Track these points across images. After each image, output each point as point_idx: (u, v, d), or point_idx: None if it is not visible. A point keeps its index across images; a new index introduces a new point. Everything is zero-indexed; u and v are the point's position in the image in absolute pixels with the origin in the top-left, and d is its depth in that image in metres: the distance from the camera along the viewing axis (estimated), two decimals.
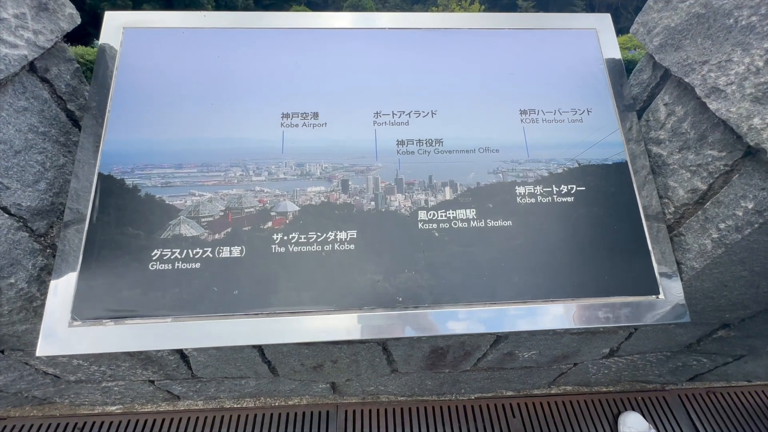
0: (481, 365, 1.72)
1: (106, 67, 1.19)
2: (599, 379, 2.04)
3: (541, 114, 1.21)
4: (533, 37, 1.30)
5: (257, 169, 1.11)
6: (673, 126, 1.13)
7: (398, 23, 1.29)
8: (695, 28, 1.01)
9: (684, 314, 1.06)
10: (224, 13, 1.26)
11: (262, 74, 1.20)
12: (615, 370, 1.93)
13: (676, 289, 1.08)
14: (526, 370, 1.82)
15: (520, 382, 1.96)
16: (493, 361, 1.68)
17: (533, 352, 1.60)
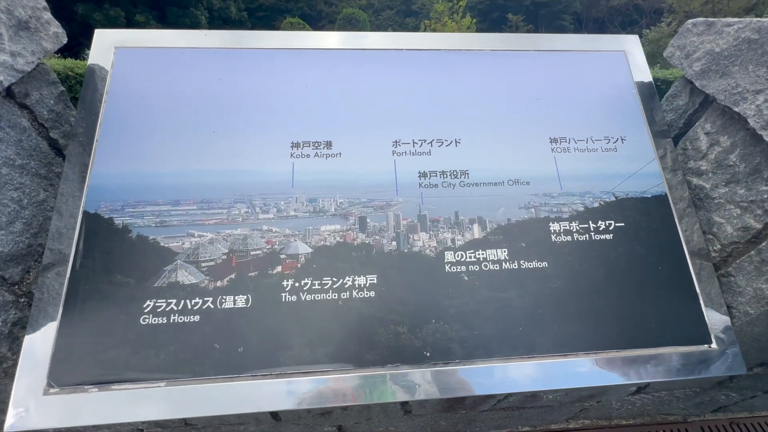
0: (500, 406, 1.60)
1: (95, 90, 1.07)
2: (621, 413, 1.93)
3: (572, 143, 1.12)
4: (559, 60, 1.21)
5: (264, 206, 0.99)
6: (718, 157, 1.04)
7: (416, 44, 1.19)
8: (745, 54, 0.93)
9: (740, 366, 0.96)
10: (226, 33, 1.15)
11: (269, 98, 1.09)
12: (639, 405, 1.82)
13: (729, 338, 0.98)
14: (548, 408, 1.70)
15: (539, 419, 1.84)
16: (515, 402, 1.57)
17: (559, 393, 1.49)
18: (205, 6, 18.86)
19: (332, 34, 1.18)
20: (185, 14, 18.16)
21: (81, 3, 17.06)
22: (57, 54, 5.66)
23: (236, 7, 20.11)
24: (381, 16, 20.31)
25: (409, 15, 20.28)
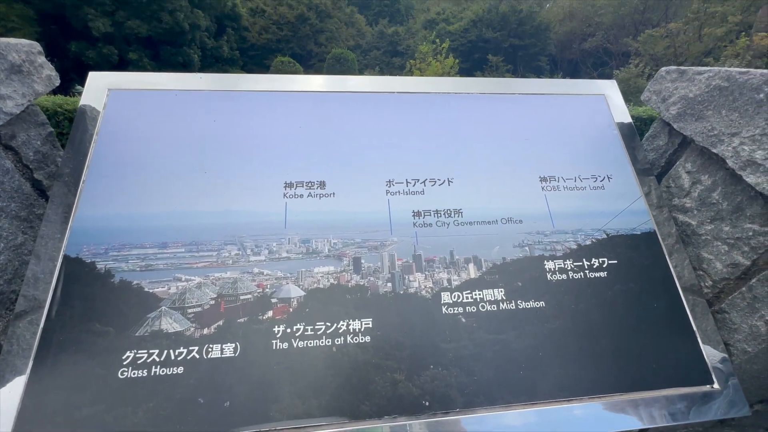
0: None
1: (86, 131, 1.06)
2: None
3: (561, 181, 1.14)
4: (545, 102, 1.27)
5: (256, 248, 0.97)
6: (701, 195, 1.08)
7: (407, 87, 1.24)
8: (718, 99, 0.99)
9: (743, 406, 0.94)
10: (221, 76, 1.17)
11: (263, 139, 1.09)
12: None
13: (730, 377, 0.97)
14: None
15: None
16: None
17: None
18: (198, 45, 19.46)
19: (325, 78, 1.22)
20: (178, 53, 18.67)
21: (74, 41, 17.41)
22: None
23: (228, 47, 20.82)
24: (368, 56, 21.29)
25: (395, 55, 21.33)
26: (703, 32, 18.78)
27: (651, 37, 19.00)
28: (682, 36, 18.89)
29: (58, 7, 16.60)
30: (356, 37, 22.33)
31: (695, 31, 18.96)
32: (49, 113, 3.63)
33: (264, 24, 20.94)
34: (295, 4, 20.73)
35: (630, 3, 22.00)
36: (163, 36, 17.89)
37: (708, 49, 18.56)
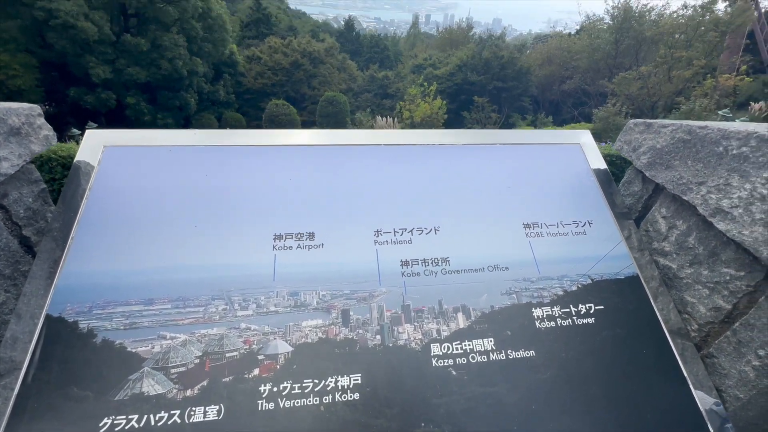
0: None
1: (78, 186, 1.08)
2: None
3: (544, 227, 1.18)
4: (524, 152, 1.34)
5: (244, 302, 0.96)
6: (678, 239, 1.12)
7: (394, 140, 1.30)
8: (683, 151, 1.06)
9: None
10: (215, 132, 1.23)
11: (254, 192, 1.12)
12: None
13: (725, 423, 0.95)
14: None
15: None
16: None
17: None
18: (195, 89, 20.16)
19: (314, 132, 1.28)
20: (175, 97, 19.26)
21: (74, 87, 17.91)
22: None
23: (225, 91, 21.60)
24: (360, 99, 22.22)
25: (386, 97, 22.31)
26: (672, 74, 20.13)
27: (625, 79, 20.27)
28: (653, 78, 20.21)
29: (60, 56, 17.25)
30: (348, 81, 23.42)
31: (665, 74, 20.33)
32: (43, 159, 3.67)
33: (260, 70, 21.93)
34: (290, 52, 21.88)
35: (603, 49, 23.66)
36: (161, 81, 18.54)
37: (678, 89, 19.82)
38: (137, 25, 18.13)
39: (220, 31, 19.94)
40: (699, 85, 19.27)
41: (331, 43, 24.65)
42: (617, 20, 23.13)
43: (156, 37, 17.68)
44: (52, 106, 20.81)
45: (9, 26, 15.94)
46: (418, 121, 17.77)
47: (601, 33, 24.00)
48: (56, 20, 15.28)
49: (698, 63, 19.99)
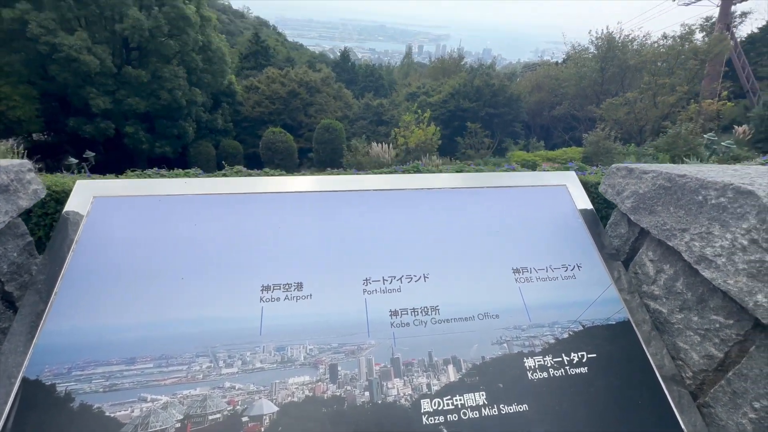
0: None
1: (65, 238, 1.08)
2: None
3: (533, 272, 1.18)
4: (511, 195, 1.36)
5: (229, 359, 0.94)
6: (666, 284, 1.12)
7: (380, 185, 1.32)
8: (664, 197, 1.08)
9: None
10: (206, 180, 1.24)
11: (242, 242, 1.12)
12: None
13: None
14: None
15: None
16: None
17: None
18: (193, 118, 20.51)
19: (304, 179, 1.30)
20: (174, 126, 19.56)
21: (73, 117, 18.16)
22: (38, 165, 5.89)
23: (223, 119, 22.00)
24: (355, 125, 22.69)
25: (381, 124, 22.79)
26: (657, 100, 20.84)
27: (612, 105, 20.94)
28: (639, 103, 20.89)
29: (61, 88, 17.58)
30: (344, 109, 23.98)
31: (650, 99, 21.04)
32: None
33: (257, 99, 22.45)
34: (287, 82, 22.50)
35: (589, 77, 24.57)
36: (160, 111, 18.87)
37: (664, 114, 20.48)
38: (138, 57, 18.64)
39: (220, 63, 20.54)
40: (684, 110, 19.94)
41: (327, 72, 25.42)
42: (601, 50, 24.16)
43: (156, 68, 18.14)
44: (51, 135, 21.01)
45: (13, 60, 16.32)
46: (413, 147, 18.10)
47: (587, 62, 25.00)
48: (59, 54, 15.67)
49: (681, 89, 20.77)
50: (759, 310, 0.83)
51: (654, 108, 20.75)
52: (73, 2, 15.82)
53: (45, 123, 18.78)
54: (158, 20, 17.21)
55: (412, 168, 11.67)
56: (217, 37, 20.67)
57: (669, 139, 16.15)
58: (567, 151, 17.31)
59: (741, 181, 0.90)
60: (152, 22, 17.10)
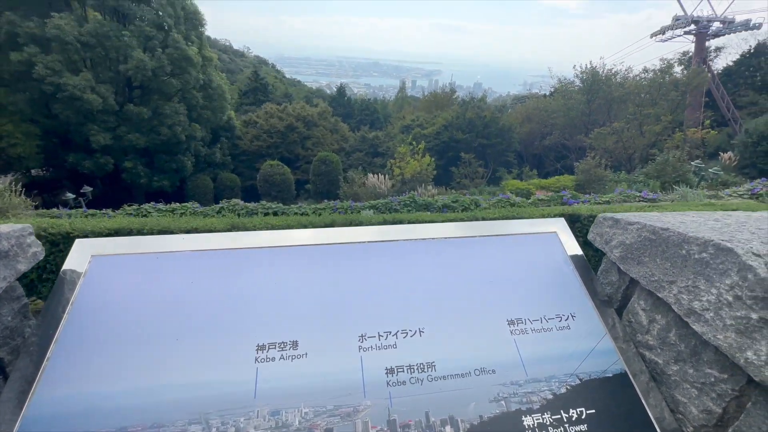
0: None
1: (60, 301, 1.08)
2: None
3: (528, 323, 1.19)
4: (503, 243, 1.39)
5: (222, 425, 0.92)
6: (660, 334, 1.13)
7: (373, 236, 1.35)
8: (650, 249, 1.12)
9: None
10: (202, 236, 1.26)
11: (238, 299, 1.13)
12: None
13: None
14: None
15: None
16: None
17: None
18: (192, 153, 20.85)
19: (298, 232, 1.32)
20: (173, 160, 19.84)
21: (73, 153, 18.40)
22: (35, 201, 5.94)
23: (221, 153, 22.39)
24: (352, 157, 23.13)
25: (376, 156, 23.27)
26: (644, 129, 21.56)
27: (600, 134, 21.60)
28: (626, 132, 21.57)
29: (63, 125, 17.94)
30: (340, 142, 24.54)
31: (636, 129, 21.76)
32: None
33: (256, 133, 22.97)
34: (285, 117, 23.14)
35: (577, 108, 25.50)
36: (159, 146, 19.21)
37: (651, 142, 21.11)
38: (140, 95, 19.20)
39: (220, 100, 21.18)
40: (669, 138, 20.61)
41: (324, 107, 26.23)
42: (587, 83, 25.25)
43: (158, 105, 18.65)
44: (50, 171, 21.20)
45: (17, 99, 16.75)
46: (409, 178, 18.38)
47: (574, 94, 26.06)
48: (64, 93, 16.11)
49: (666, 118, 21.56)
50: (750, 367, 0.84)
51: (641, 137, 21.42)
52: (80, 45, 16.46)
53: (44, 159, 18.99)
54: (161, 61, 17.88)
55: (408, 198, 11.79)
56: (217, 76, 21.44)
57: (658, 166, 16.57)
58: (560, 179, 17.62)
59: (721, 237, 0.94)
60: (156, 63, 17.75)
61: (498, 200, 13.34)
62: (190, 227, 3.62)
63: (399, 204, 13.13)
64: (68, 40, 15.86)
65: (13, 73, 16.12)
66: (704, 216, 1.22)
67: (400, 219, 4.08)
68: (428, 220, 4.09)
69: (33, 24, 15.57)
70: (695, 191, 12.01)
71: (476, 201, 13.02)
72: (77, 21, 16.50)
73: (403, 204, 13.18)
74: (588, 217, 4.28)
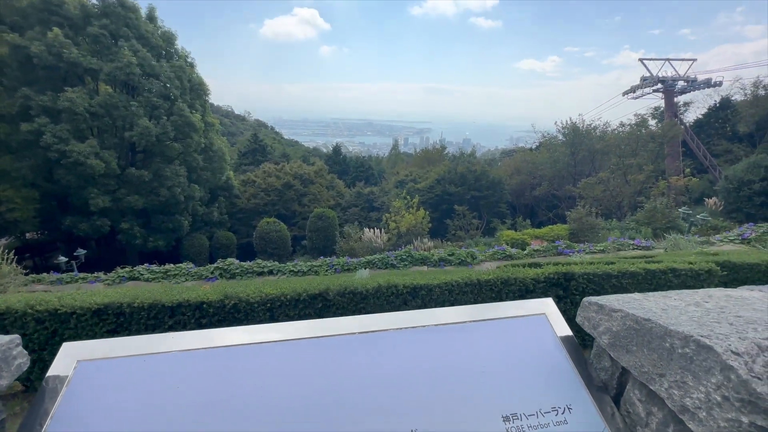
0: None
1: (39, 411, 1.04)
2: None
3: (524, 419, 1.15)
4: (493, 328, 1.39)
5: None
6: (659, 428, 1.09)
7: (366, 326, 1.35)
8: (636, 338, 1.13)
9: None
10: (192, 333, 1.26)
11: (227, 405, 1.10)
12: None
13: None
14: None
15: None
16: None
17: None
18: (189, 212, 21.10)
19: (285, 326, 1.32)
20: (169, 220, 19.98)
21: (70, 215, 18.49)
22: (26, 267, 5.95)
23: (218, 212, 22.68)
24: (348, 213, 23.49)
25: (372, 210, 23.67)
26: (629, 178, 22.40)
27: (587, 184, 22.37)
28: (612, 182, 22.38)
29: (63, 189, 18.26)
30: (336, 198, 25.08)
31: (621, 178, 22.60)
32: (17, 314, 3.56)
33: (253, 191, 23.50)
34: (283, 175, 23.86)
35: (563, 160, 26.68)
36: (157, 207, 19.46)
37: (637, 190, 21.82)
38: (143, 159, 19.86)
39: (220, 162, 21.93)
40: (654, 186, 21.37)
41: (320, 165, 27.20)
42: (569, 137, 26.72)
43: (159, 168, 19.19)
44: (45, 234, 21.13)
45: (21, 166, 17.21)
46: (404, 231, 18.54)
47: (558, 147, 27.44)
48: (68, 159, 16.60)
49: (648, 168, 22.53)
50: None
51: (627, 185, 22.18)
52: (89, 115, 17.32)
53: (41, 222, 19.02)
54: (165, 127, 18.76)
55: (405, 253, 11.76)
56: (218, 139, 22.45)
57: (647, 213, 16.96)
58: (553, 229, 17.83)
59: (700, 332, 0.96)
60: (160, 129, 18.60)
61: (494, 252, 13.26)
62: (181, 299, 3.58)
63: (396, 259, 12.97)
64: (78, 111, 16.73)
65: (21, 141, 16.75)
66: (685, 299, 1.25)
67: (395, 284, 4.07)
68: (423, 283, 4.08)
69: (46, 97, 16.51)
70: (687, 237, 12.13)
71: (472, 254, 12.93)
72: (89, 94, 17.54)
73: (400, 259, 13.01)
74: (582, 275, 4.30)
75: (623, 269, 4.31)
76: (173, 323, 3.53)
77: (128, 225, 18.80)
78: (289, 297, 3.72)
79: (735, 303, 1.18)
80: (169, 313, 3.52)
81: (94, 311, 3.45)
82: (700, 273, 4.46)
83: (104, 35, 17.88)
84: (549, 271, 4.30)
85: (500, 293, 4.11)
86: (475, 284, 4.08)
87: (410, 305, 4.05)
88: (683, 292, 1.34)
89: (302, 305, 3.78)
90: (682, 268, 4.43)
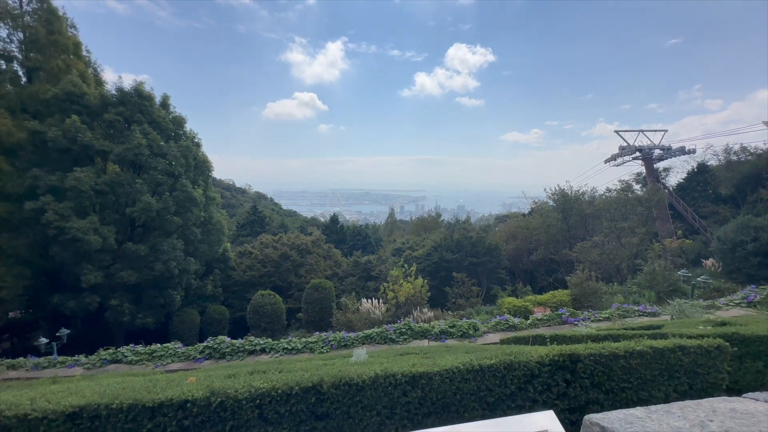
0: None
1: None
2: None
3: None
4: None
5: None
6: None
7: None
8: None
9: None
10: None
11: None
12: None
13: None
14: None
15: None
16: None
17: None
18: (182, 286, 20.58)
19: None
20: (161, 295, 19.38)
21: (59, 292, 17.86)
22: (5, 348, 5.51)
23: (212, 285, 22.17)
24: (345, 282, 23.08)
25: (369, 279, 23.31)
26: (623, 241, 22.66)
27: (583, 248, 22.51)
28: (607, 245, 22.57)
29: (57, 265, 17.92)
30: (333, 267, 24.85)
31: (616, 241, 22.87)
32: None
33: (249, 263, 23.32)
34: (280, 246, 23.93)
35: (556, 225, 27.21)
36: (150, 282, 18.98)
37: (633, 253, 21.92)
38: (142, 233, 19.88)
39: (218, 234, 22.04)
40: (649, 248, 21.54)
41: (317, 235, 27.46)
42: (559, 203, 27.61)
43: (156, 242, 19.07)
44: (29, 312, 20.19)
45: (18, 244, 17.11)
46: (403, 301, 18.04)
47: (549, 212, 28.18)
48: (66, 236, 16.52)
49: (640, 231, 22.94)
50: None
51: (622, 248, 22.34)
52: (94, 193, 17.70)
53: (28, 300, 18.34)
54: (167, 202, 19.07)
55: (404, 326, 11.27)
56: (217, 212, 22.82)
57: (648, 276, 16.79)
58: (555, 295, 17.43)
59: None
60: (162, 204, 18.87)
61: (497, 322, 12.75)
62: (164, 398, 3.33)
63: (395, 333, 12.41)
64: (84, 189, 17.15)
65: (23, 219, 16.88)
66: (689, 417, 1.21)
67: (393, 372, 3.85)
68: (423, 371, 3.86)
69: (55, 177, 17.07)
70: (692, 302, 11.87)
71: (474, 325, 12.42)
72: (96, 173, 18.18)
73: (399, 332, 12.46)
74: (589, 356, 4.12)
75: (630, 349, 4.14)
76: (152, 426, 3.24)
77: (118, 302, 18.08)
78: (280, 391, 3.49)
79: (740, 423, 1.13)
80: (149, 415, 3.25)
81: (67, 415, 3.19)
82: (710, 350, 4.30)
83: (119, 120, 19.18)
84: (554, 352, 4.13)
85: (504, 380, 3.88)
86: (478, 371, 3.87)
87: (409, 396, 3.79)
88: (687, 406, 1.30)
89: (294, 400, 3.52)
90: (690, 346, 4.27)
